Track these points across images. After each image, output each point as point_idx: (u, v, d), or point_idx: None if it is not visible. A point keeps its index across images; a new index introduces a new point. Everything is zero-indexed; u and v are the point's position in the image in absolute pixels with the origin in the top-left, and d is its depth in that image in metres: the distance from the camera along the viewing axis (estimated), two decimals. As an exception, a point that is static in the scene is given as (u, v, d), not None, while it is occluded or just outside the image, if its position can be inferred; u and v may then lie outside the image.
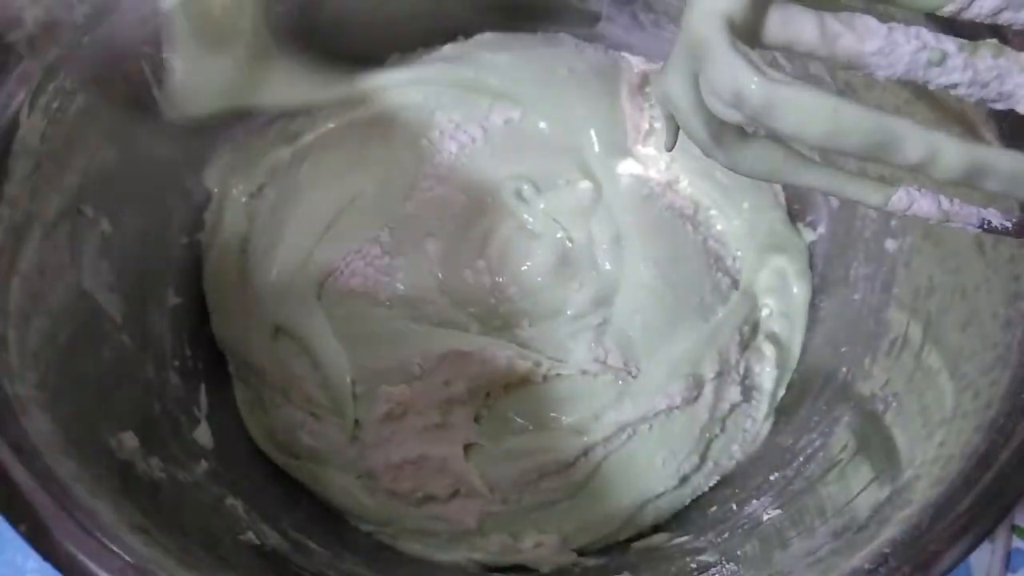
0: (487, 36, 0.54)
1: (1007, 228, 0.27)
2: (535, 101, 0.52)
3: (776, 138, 0.27)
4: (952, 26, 0.26)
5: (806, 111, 0.24)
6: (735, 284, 0.50)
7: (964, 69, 0.25)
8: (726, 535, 0.43)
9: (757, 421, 0.48)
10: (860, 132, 0.24)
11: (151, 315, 0.45)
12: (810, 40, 0.25)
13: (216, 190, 0.50)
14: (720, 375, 0.47)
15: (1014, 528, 0.49)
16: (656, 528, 0.47)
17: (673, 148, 0.31)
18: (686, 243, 0.50)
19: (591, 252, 0.49)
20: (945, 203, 0.27)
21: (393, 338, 0.47)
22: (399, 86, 0.52)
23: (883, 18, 0.25)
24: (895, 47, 0.25)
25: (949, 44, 0.25)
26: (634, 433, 0.47)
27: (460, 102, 0.52)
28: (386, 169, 0.50)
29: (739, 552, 0.41)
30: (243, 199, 0.51)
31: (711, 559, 0.41)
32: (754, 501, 0.44)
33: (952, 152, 0.24)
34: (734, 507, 0.45)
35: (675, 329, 0.48)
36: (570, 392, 0.47)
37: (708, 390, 0.47)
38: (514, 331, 0.48)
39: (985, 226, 0.27)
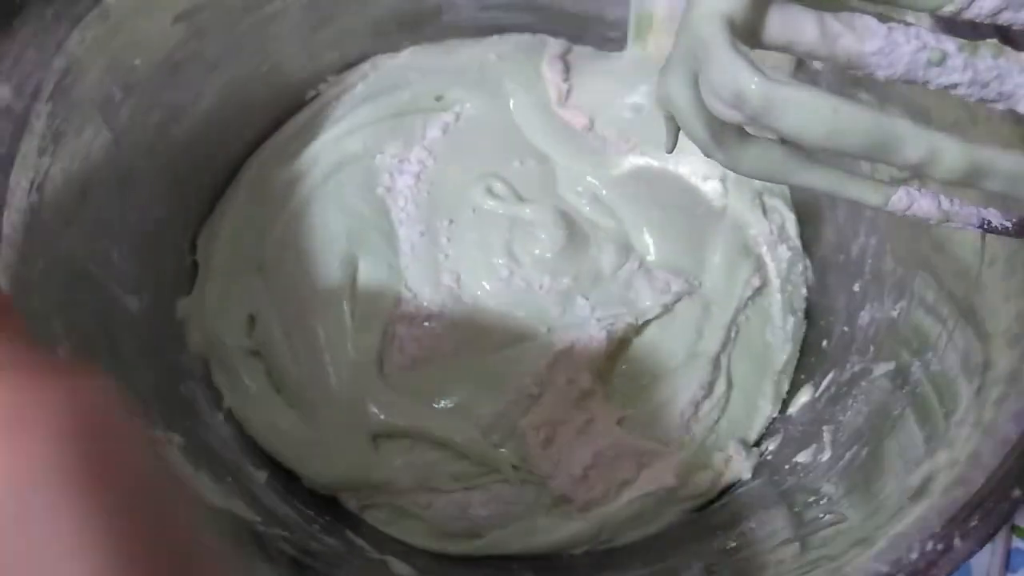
0: (403, 55, 0.55)
1: (1007, 228, 0.27)
2: (465, 96, 0.53)
3: (776, 138, 0.27)
4: (952, 26, 0.26)
5: (806, 111, 0.24)
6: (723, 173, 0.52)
7: (964, 69, 0.25)
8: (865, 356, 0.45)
9: (801, 260, 0.52)
10: (860, 132, 0.24)
11: (260, 499, 0.43)
12: (810, 40, 0.25)
13: (205, 351, 0.48)
14: (767, 244, 0.51)
15: (1014, 528, 0.49)
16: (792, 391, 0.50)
17: (673, 150, 0.31)
18: (653, 169, 0.52)
19: (584, 215, 0.51)
20: (945, 203, 0.27)
21: (492, 378, 0.47)
22: (338, 141, 0.52)
23: (883, 18, 0.25)
24: (895, 47, 0.25)
25: (949, 44, 0.25)
26: (738, 328, 0.49)
27: (394, 133, 0.52)
28: (362, 236, 0.50)
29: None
30: (245, 342, 0.49)
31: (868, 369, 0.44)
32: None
33: (952, 152, 0.24)
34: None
35: (704, 233, 0.51)
36: (666, 329, 0.49)
37: (768, 260, 0.50)
38: (577, 311, 0.49)
39: (985, 226, 0.27)
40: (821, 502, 0.40)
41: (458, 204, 0.51)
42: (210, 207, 0.51)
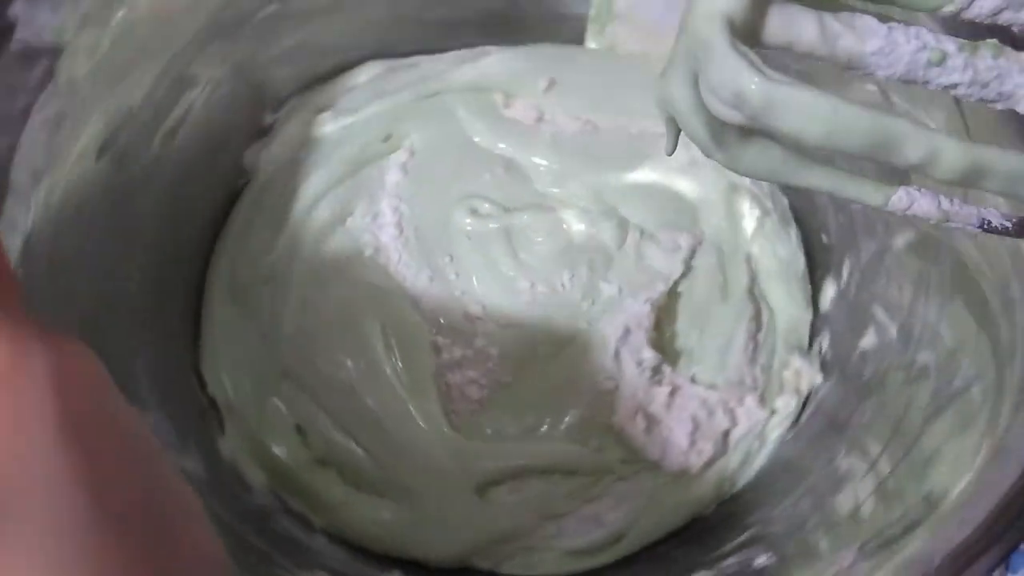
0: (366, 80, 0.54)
1: (1007, 228, 0.27)
2: (412, 128, 0.52)
3: (776, 138, 0.27)
4: (952, 26, 0.26)
5: (806, 111, 0.24)
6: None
7: (964, 69, 0.25)
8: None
9: (790, 223, 0.53)
10: (860, 132, 0.24)
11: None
12: (810, 40, 0.25)
13: (269, 483, 0.47)
14: (754, 198, 0.51)
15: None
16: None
17: (673, 152, 0.31)
18: (620, 146, 0.52)
19: (571, 203, 0.51)
20: (945, 203, 0.27)
21: (562, 388, 0.47)
22: (303, 221, 0.50)
23: (883, 18, 0.25)
24: (895, 47, 0.25)
25: (949, 44, 0.25)
26: (754, 258, 0.51)
27: (357, 191, 0.51)
28: (372, 304, 0.49)
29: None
30: (305, 455, 0.47)
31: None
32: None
33: (952, 152, 0.24)
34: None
35: (685, 184, 0.51)
36: (695, 283, 0.50)
37: (751, 185, 0.51)
38: (605, 296, 0.49)
39: (985, 226, 0.27)
40: (915, 382, 0.39)
41: (450, 236, 0.50)
42: (197, 328, 0.49)
